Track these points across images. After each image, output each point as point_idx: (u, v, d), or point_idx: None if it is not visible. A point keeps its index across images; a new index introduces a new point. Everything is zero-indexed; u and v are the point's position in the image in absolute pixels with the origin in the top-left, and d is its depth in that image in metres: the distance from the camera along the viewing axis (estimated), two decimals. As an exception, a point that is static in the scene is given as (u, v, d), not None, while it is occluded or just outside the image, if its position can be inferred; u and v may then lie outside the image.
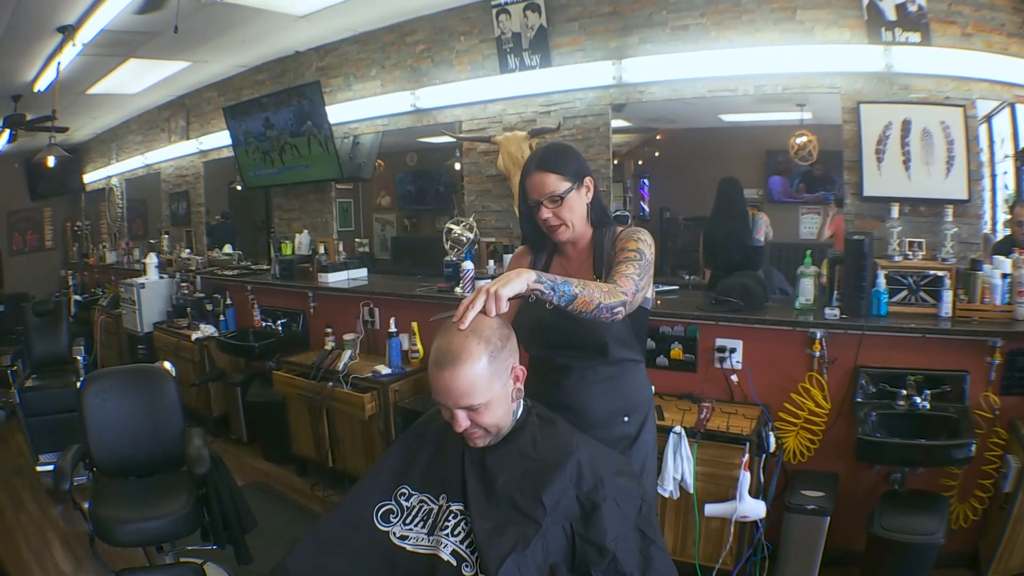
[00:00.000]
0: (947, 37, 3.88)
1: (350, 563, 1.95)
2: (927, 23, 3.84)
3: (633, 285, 2.24)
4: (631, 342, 2.55)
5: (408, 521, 1.99)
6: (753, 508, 3.56)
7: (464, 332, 1.88)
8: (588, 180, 2.52)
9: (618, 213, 5.20)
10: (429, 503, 2.02)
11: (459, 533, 1.90)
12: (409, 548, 1.93)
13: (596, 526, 1.85)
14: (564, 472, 1.91)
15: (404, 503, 2.03)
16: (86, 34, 5.76)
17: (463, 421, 1.91)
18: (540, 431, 2.06)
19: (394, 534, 1.97)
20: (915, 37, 3.87)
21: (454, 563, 1.85)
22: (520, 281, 1.95)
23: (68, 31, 5.74)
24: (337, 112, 6.58)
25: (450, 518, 1.94)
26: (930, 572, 3.33)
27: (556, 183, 2.44)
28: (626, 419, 2.55)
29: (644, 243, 2.42)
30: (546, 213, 2.47)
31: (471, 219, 5.53)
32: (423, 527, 1.96)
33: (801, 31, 4.21)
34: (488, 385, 1.89)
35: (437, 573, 1.84)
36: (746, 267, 4.74)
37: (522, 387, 2.06)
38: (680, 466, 3.65)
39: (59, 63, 6.39)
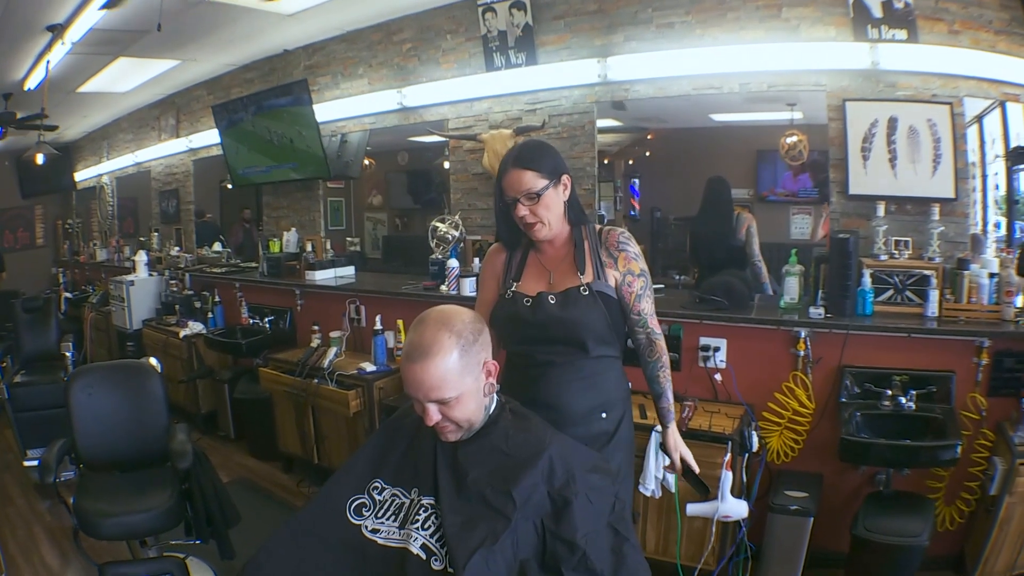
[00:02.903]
0: (934, 34, 3.86)
1: (322, 556, 1.96)
2: (914, 20, 3.83)
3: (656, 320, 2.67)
4: (610, 339, 2.57)
5: (380, 515, 2.00)
6: (735, 508, 3.53)
7: (435, 326, 1.90)
8: (565, 178, 2.54)
9: (599, 214, 5.29)
10: (401, 497, 2.02)
11: (429, 527, 1.91)
12: (380, 541, 1.94)
13: (567, 522, 1.84)
14: (536, 468, 1.90)
15: (377, 497, 2.04)
16: (75, 33, 5.75)
17: (434, 415, 1.92)
18: (513, 426, 2.06)
19: (366, 527, 1.98)
20: (901, 34, 3.86)
21: (423, 557, 1.85)
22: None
23: (57, 30, 5.73)
24: (325, 110, 6.57)
25: (421, 512, 1.95)
26: (915, 575, 3.31)
27: (533, 180, 2.45)
28: (604, 415, 2.56)
29: (640, 258, 2.60)
30: (523, 210, 2.48)
31: (456, 217, 5.54)
32: (395, 521, 1.97)
33: (786, 28, 4.20)
34: (459, 379, 1.90)
35: (407, 566, 1.85)
36: (731, 266, 4.73)
37: (495, 382, 2.06)
38: (662, 465, 3.63)
39: (48, 62, 6.39)
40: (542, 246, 2.64)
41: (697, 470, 2.67)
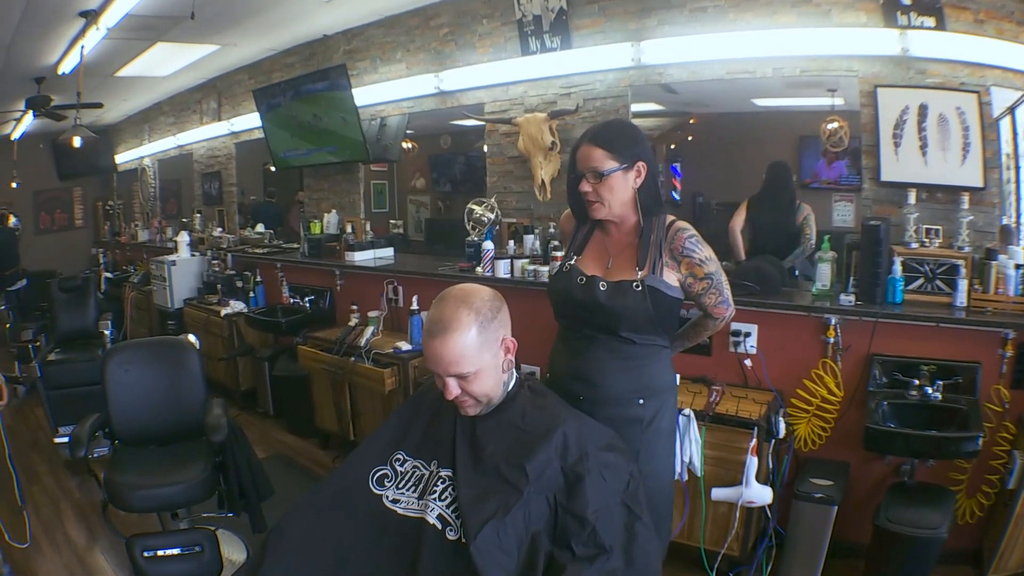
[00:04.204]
0: (960, 23, 3.80)
1: (344, 524, 2.03)
2: (941, 8, 3.78)
3: (725, 307, 2.66)
4: (652, 329, 2.52)
5: (401, 485, 2.07)
6: (759, 494, 3.55)
7: (455, 303, 1.98)
8: (640, 165, 2.49)
9: None
10: (421, 468, 2.10)
11: (446, 498, 1.97)
12: (400, 511, 2.01)
13: (578, 497, 1.89)
14: (549, 444, 1.96)
15: (399, 468, 2.12)
16: (110, 18, 5.77)
17: (453, 389, 1.99)
18: (530, 403, 2.12)
19: (387, 497, 2.05)
20: (930, 21, 3.80)
21: (439, 527, 1.92)
22: None
23: (91, 16, 5.75)
24: (364, 94, 6.62)
25: (439, 483, 2.02)
26: (934, 567, 3.28)
27: (602, 160, 2.44)
28: (641, 402, 2.53)
29: (708, 262, 2.56)
30: (586, 187, 2.48)
31: (492, 200, 5.57)
32: (414, 491, 2.04)
33: (818, 14, 4.15)
34: (477, 354, 1.97)
35: (423, 535, 1.91)
36: (787, 253, 4.72)
37: (513, 359, 2.12)
38: (688, 448, 3.64)
39: (83, 47, 6.40)
40: (608, 227, 2.63)
41: None
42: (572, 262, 2.62)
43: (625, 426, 2.42)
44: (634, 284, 2.45)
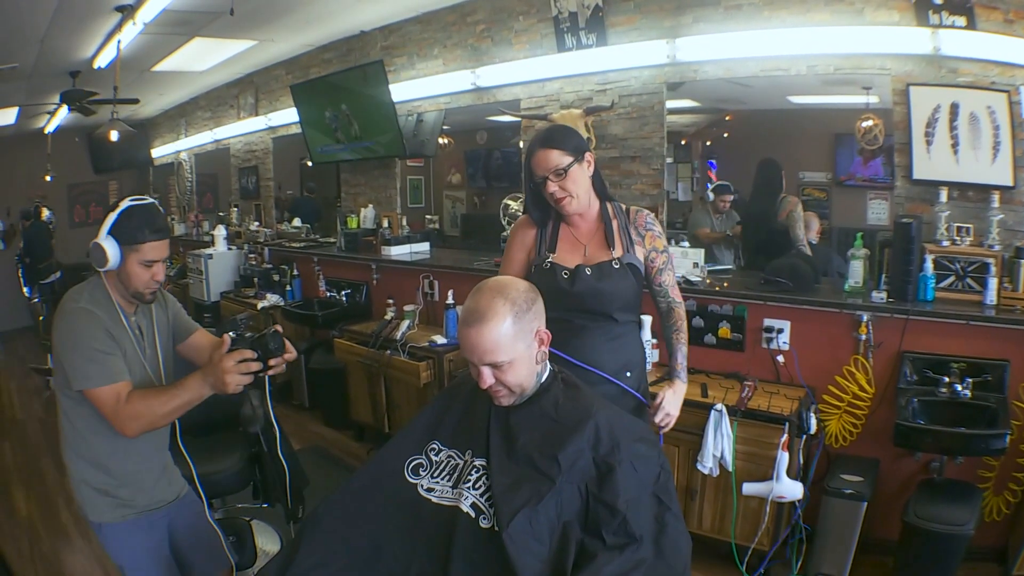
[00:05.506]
0: (991, 22, 3.79)
1: (379, 512, 2.07)
2: (972, 7, 3.77)
3: (679, 289, 2.98)
4: (635, 306, 2.86)
5: (436, 474, 2.11)
6: (790, 489, 3.57)
7: (491, 293, 2.02)
8: (588, 155, 2.80)
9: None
10: (456, 458, 2.13)
11: (480, 487, 2.01)
12: (434, 500, 2.04)
13: (610, 487, 1.91)
14: (582, 434, 1.99)
15: (434, 457, 2.16)
16: (147, 13, 5.79)
17: (488, 377, 2.03)
18: (563, 395, 2.16)
19: (422, 486, 2.09)
20: (961, 21, 3.79)
21: (472, 515, 1.95)
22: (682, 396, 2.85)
23: (127, 11, 5.77)
24: (401, 90, 6.67)
25: (473, 472, 2.05)
26: (960, 564, 3.30)
27: (559, 158, 2.70)
28: (629, 374, 2.84)
29: (663, 236, 2.94)
30: (552, 187, 2.73)
31: (528, 195, 5.59)
32: (449, 480, 2.08)
33: (851, 12, 4.15)
34: (512, 344, 2.00)
35: (457, 524, 1.95)
36: (775, 250, 4.74)
37: (547, 350, 2.16)
38: (720, 443, 3.68)
39: (119, 41, 6.44)
40: (574, 220, 2.88)
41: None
42: (551, 259, 2.84)
43: (617, 398, 2.63)
44: (613, 263, 2.78)
